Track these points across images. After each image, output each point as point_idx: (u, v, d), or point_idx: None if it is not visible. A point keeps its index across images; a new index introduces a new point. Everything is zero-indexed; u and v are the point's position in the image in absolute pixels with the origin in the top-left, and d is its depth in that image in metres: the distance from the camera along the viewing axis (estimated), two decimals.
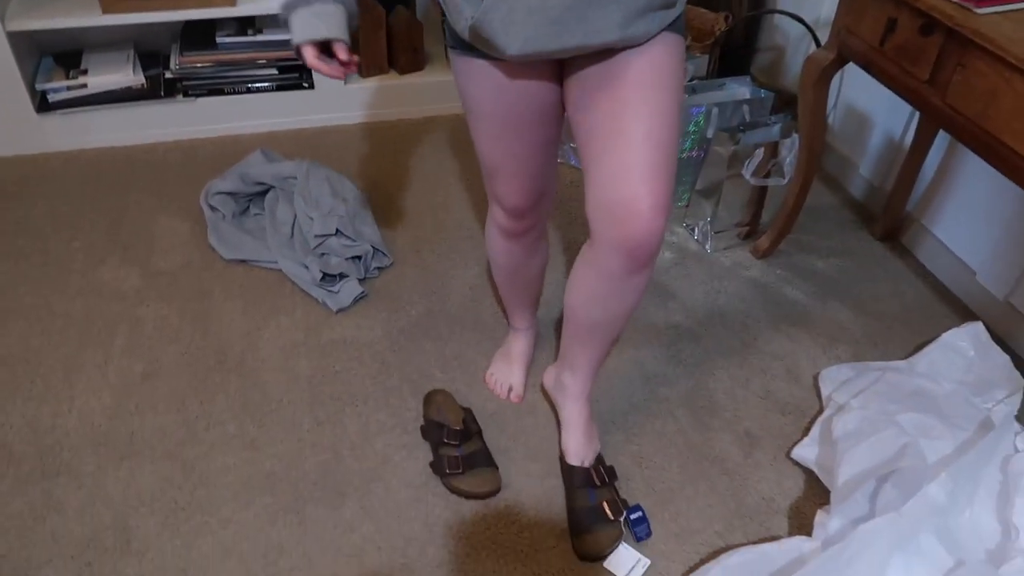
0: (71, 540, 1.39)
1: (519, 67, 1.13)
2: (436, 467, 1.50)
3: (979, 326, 1.60)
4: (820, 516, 1.27)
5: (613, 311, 1.24)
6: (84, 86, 2.24)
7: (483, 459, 1.50)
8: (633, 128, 1.06)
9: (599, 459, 1.50)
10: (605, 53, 1.07)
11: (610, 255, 1.14)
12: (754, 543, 1.35)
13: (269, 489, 1.48)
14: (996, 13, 1.30)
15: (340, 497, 1.47)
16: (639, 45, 1.06)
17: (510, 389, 1.66)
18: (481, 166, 1.32)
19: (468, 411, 1.58)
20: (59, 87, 2.23)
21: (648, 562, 1.38)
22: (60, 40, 2.34)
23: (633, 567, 1.37)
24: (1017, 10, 1.30)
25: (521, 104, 1.16)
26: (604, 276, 1.18)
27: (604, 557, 1.38)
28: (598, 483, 1.44)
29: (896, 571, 1.20)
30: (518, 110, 1.17)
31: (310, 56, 1.08)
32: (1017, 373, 1.53)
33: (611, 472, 1.49)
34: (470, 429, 1.54)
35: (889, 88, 1.54)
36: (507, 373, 1.67)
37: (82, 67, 2.29)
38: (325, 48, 1.10)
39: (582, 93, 1.12)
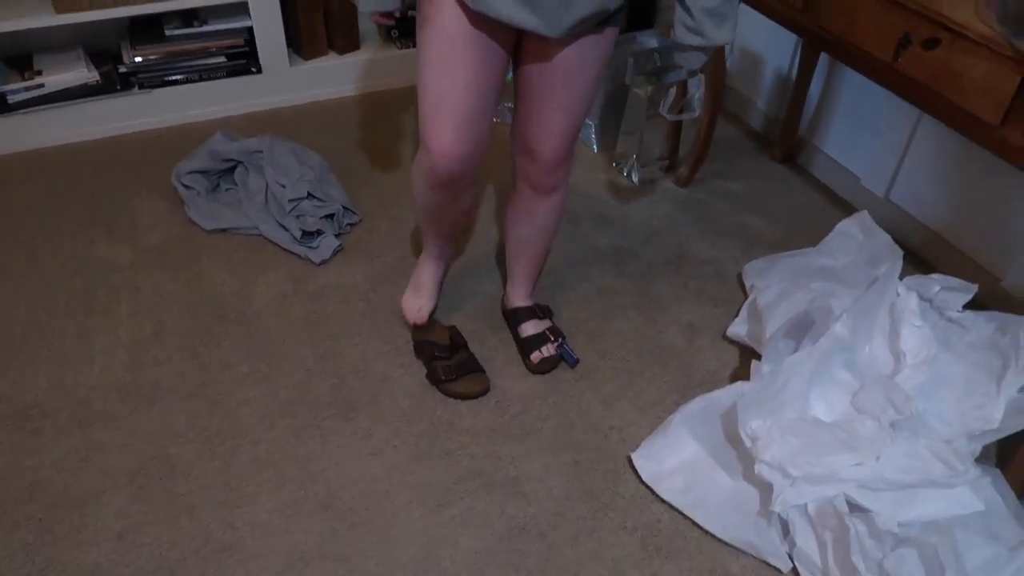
0: (120, 472, 1.56)
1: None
2: (432, 377, 1.73)
3: (865, 214, 1.94)
4: (755, 364, 1.57)
5: (534, 228, 1.66)
6: (41, 86, 2.35)
7: (472, 365, 1.75)
8: (553, 98, 1.40)
9: (536, 303, 1.86)
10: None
11: (522, 185, 1.58)
12: None
13: (289, 412, 1.69)
14: None
15: (353, 411, 1.69)
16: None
17: (418, 311, 1.82)
18: (421, 104, 1.39)
19: (452, 327, 1.81)
20: (16, 88, 2.33)
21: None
22: (7, 44, 2.43)
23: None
24: None
25: (478, 34, 1.32)
26: (522, 200, 1.61)
27: (550, 371, 1.77)
28: (540, 315, 1.82)
29: (816, 397, 1.51)
30: (475, 40, 1.32)
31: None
32: (897, 247, 1.87)
33: (547, 309, 1.86)
34: (457, 342, 1.78)
35: (773, 20, 1.85)
36: (415, 299, 1.83)
37: (35, 68, 2.39)
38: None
39: (530, 54, 1.38)
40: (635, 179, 2.38)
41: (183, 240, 2.11)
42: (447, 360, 1.74)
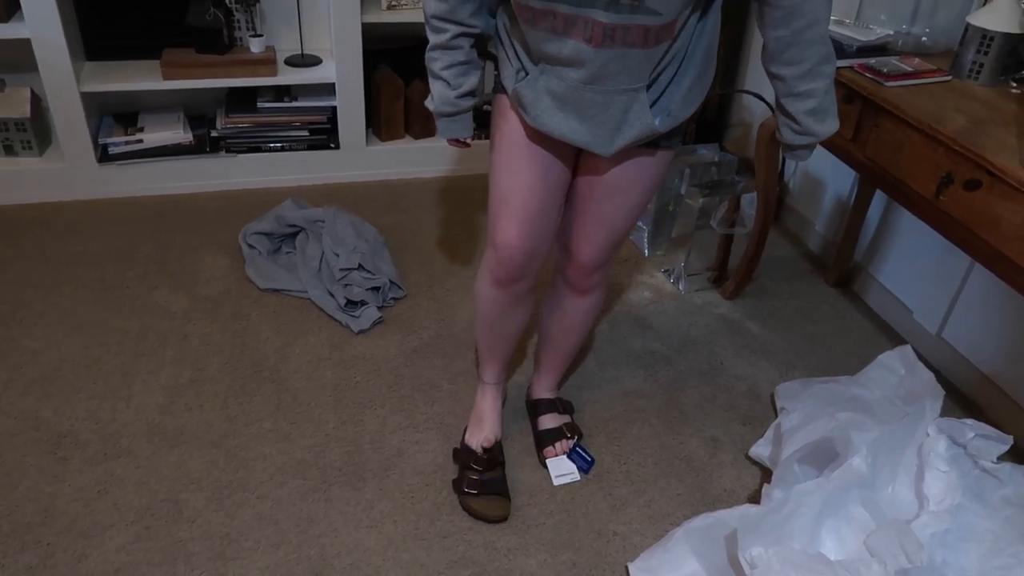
0: (130, 509, 1.62)
1: None
2: (456, 485, 1.69)
3: (908, 348, 1.88)
4: (766, 488, 1.52)
5: (565, 324, 1.70)
6: (140, 141, 2.57)
7: (499, 487, 1.68)
8: (598, 211, 1.47)
9: (559, 397, 1.89)
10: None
11: (560, 281, 1.64)
12: None
13: (300, 473, 1.72)
14: (900, 87, 1.64)
15: (361, 481, 1.71)
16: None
17: (484, 440, 1.75)
18: (490, 203, 1.51)
19: (497, 443, 1.76)
20: (118, 141, 2.56)
21: (579, 478, 1.75)
22: (120, 102, 2.68)
23: (564, 475, 1.75)
24: (916, 84, 1.65)
25: (542, 146, 1.41)
26: (558, 296, 1.67)
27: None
28: (561, 410, 1.84)
29: (829, 531, 1.44)
30: (538, 148, 1.40)
31: (449, 142, 1.51)
32: (939, 387, 1.80)
33: (569, 405, 1.89)
34: (495, 459, 1.73)
35: (825, 147, 1.86)
36: (478, 432, 1.76)
37: (139, 125, 2.62)
38: None
39: (584, 166, 1.45)
40: (681, 287, 2.38)
41: (237, 296, 2.22)
42: (479, 473, 1.69)
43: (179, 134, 2.62)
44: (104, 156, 2.56)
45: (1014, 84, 1.78)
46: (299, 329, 2.12)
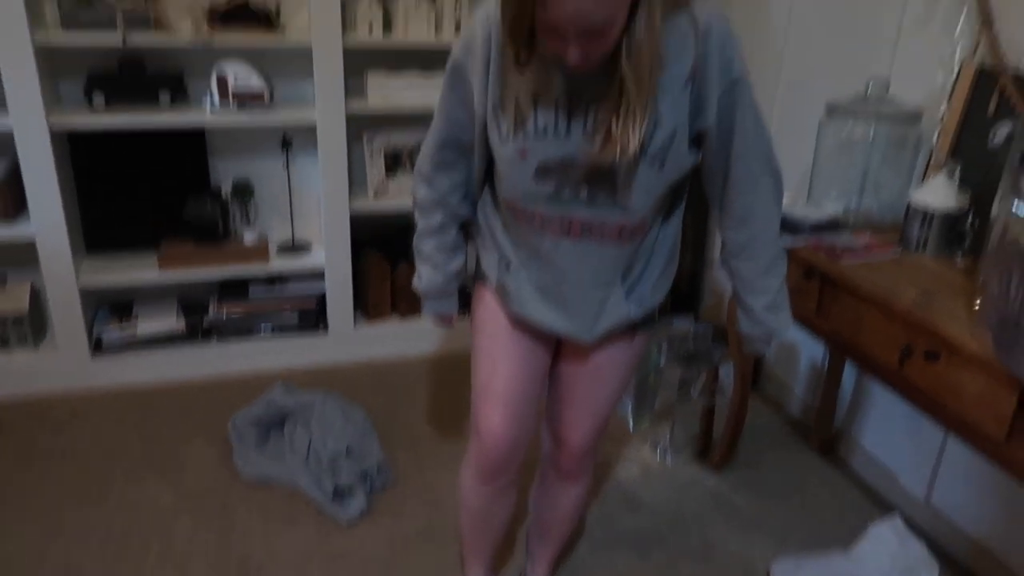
0: None
1: None
2: None
3: (898, 520, 1.87)
4: None
5: (557, 512, 1.70)
6: (133, 332, 2.64)
7: None
8: (583, 396, 1.52)
9: None
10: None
11: (549, 468, 1.66)
12: None
13: None
14: (854, 264, 1.75)
15: None
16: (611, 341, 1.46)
17: None
18: (473, 391, 1.49)
19: None
20: (112, 332, 2.63)
21: None
22: (116, 293, 2.77)
23: None
24: (869, 262, 1.76)
25: (523, 334, 1.46)
26: (548, 483, 1.68)
27: None
28: None
29: None
30: (518, 336, 1.46)
31: (433, 318, 1.60)
32: (933, 560, 1.78)
33: None
34: None
35: (794, 318, 1.95)
36: None
37: (133, 314, 2.70)
38: None
39: (565, 354, 1.51)
40: (668, 461, 2.39)
41: (225, 488, 2.20)
42: None
43: (172, 323, 2.70)
44: (98, 347, 2.62)
45: (959, 256, 1.89)
46: (287, 521, 2.09)
